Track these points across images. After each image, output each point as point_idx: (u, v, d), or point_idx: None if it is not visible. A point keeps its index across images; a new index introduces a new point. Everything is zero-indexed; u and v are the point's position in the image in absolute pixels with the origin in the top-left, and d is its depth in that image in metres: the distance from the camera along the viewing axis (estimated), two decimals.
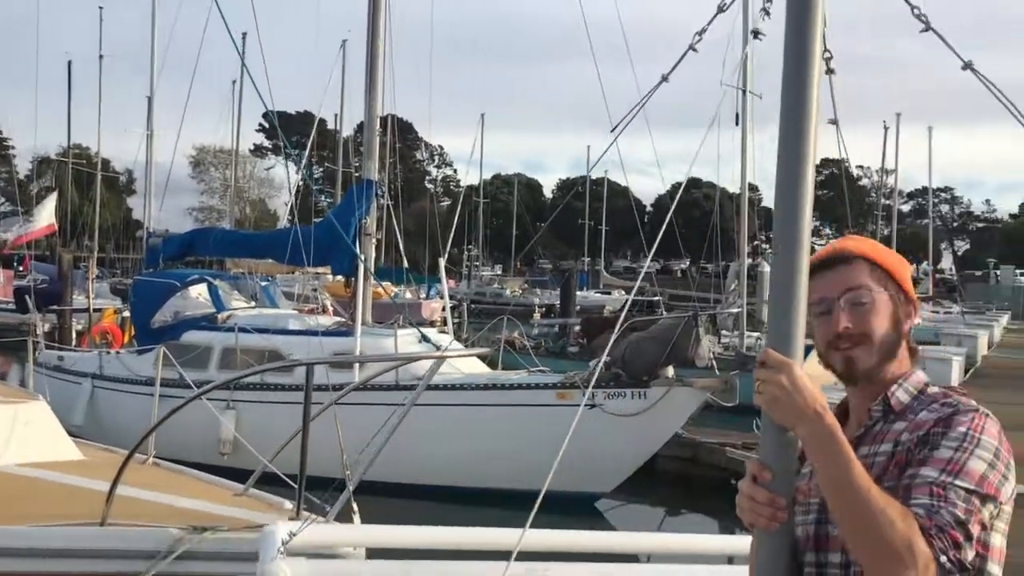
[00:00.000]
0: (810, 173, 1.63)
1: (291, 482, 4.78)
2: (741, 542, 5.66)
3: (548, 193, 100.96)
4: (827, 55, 1.66)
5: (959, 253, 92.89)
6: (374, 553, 4.41)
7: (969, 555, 1.52)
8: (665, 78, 2.21)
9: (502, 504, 10.78)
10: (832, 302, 1.71)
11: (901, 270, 1.79)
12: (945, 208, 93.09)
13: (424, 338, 10.06)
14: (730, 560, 4.87)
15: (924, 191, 63.86)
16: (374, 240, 12.86)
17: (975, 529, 1.52)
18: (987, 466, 1.55)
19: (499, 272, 75.66)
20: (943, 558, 1.47)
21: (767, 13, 2.66)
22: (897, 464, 1.62)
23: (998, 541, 1.60)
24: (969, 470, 1.54)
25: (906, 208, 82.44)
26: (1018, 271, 70.91)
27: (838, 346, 1.71)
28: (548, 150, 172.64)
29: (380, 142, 15.47)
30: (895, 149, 54.48)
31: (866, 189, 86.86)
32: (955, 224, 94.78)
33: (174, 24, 23.10)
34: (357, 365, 11.41)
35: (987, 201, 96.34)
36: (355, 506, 4.78)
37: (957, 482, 1.52)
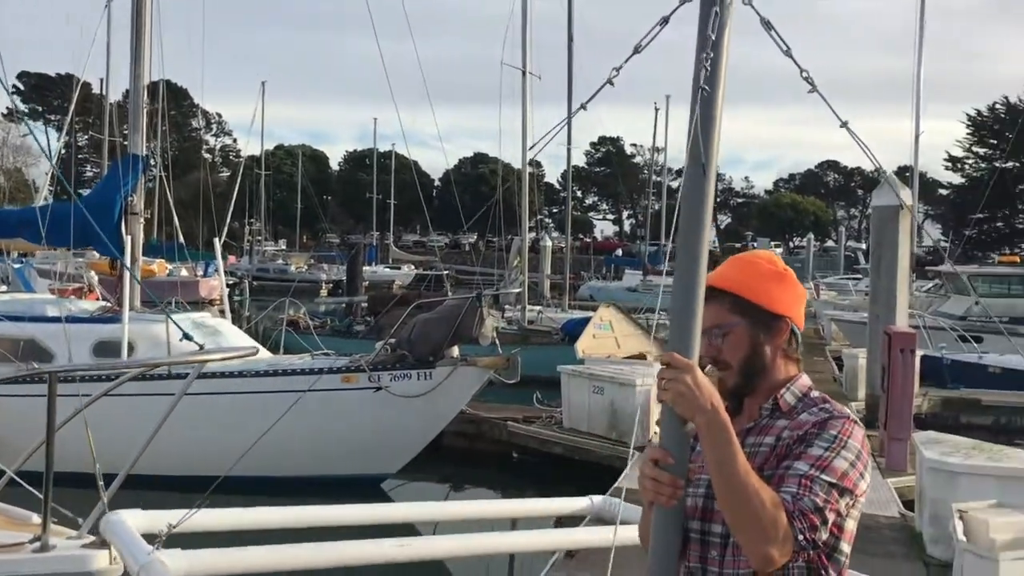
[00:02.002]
0: (711, 191, 1.85)
1: (37, 492, 4.39)
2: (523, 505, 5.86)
3: (335, 165, 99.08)
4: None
5: (722, 227, 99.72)
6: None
7: (823, 536, 1.84)
8: (610, 81, 2.24)
9: (290, 492, 10.56)
10: (704, 332, 1.96)
11: (765, 294, 2.06)
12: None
13: (187, 336, 9.55)
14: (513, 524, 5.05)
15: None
16: (142, 219, 12.10)
17: (831, 515, 1.83)
18: (849, 465, 1.88)
19: (283, 247, 73.50)
20: (800, 536, 1.79)
21: None
22: (777, 456, 1.93)
23: (851, 526, 1.93)
24: (834, 467, 1.86)
25: (675, 184, 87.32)
26: (773, 243, 77.18)
27: (715, 364, 2.02)
28: (334, 121, 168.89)
29: (151, 109, 14.54)
30: (665, 129, 57.51)
31: (640, 166, 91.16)
32: (718, 199, 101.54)
33: None
34: (126, 349, 10.76)
35: (746, 178, 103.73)
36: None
37: (823, 476, 1.84)
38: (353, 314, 23.70)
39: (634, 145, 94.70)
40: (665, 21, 1.98)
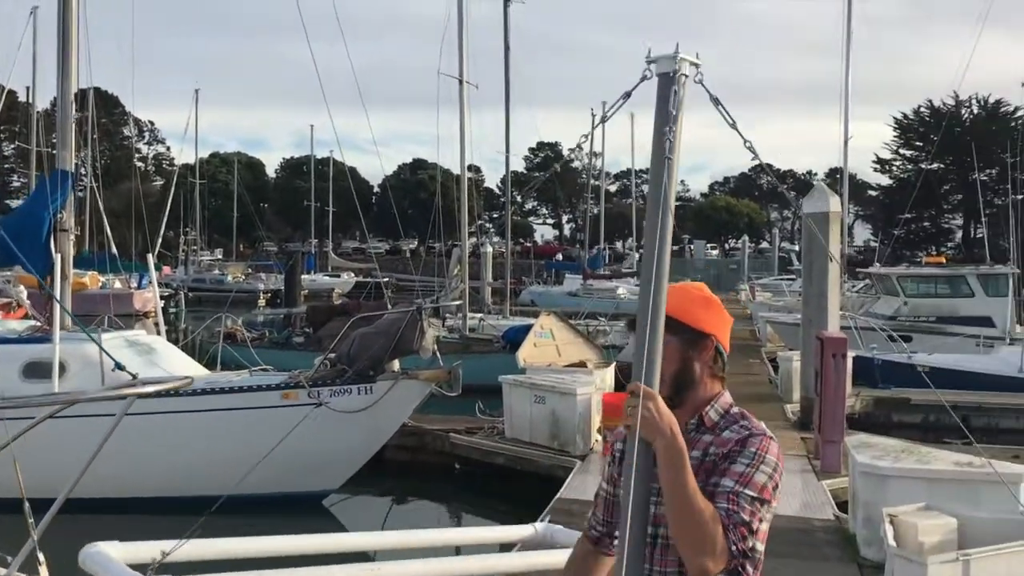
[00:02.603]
0: (668, 230, 2.08)
1: None
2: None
3: (271, 172, 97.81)
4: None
5: None
6: None
7: (750, 544, 2.10)
8: (579, 146, 2.49)
9: (231, 511, 10.40)
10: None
11: (692, 315, 2.30)
12: (648, 188, 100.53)
13: (119, 366, 9.40)
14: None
15: (628, 172, 68.68)
16: (72, 236, 11.82)
17: (756, 525, 2.10)
18: (767, 478, 2.15)
19: (220, 256, 72.34)
20: (733, 547, 2.06)
21: None
22: (704, 469, 2.17)
23: (765, 527, 2.16)
24: (755, 482, 2.13)
25: (613, 188, 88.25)
26: (708, 245, 78.34)
27: None
28: (270, 127, 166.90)
29: (80, 118, 14.18)
30: (602, 134, 57.97)
31: (578, 171, 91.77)
32: None
33: None
34: (57, 372, 10.51)
35: (682, 181, 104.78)
36: (41, 557, 4.22)
37: (746, 491, 2.11)
38: (292, 326, 23.41)
39: (571, 150, 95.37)
40: (627, 95, 2.20)
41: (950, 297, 23.65)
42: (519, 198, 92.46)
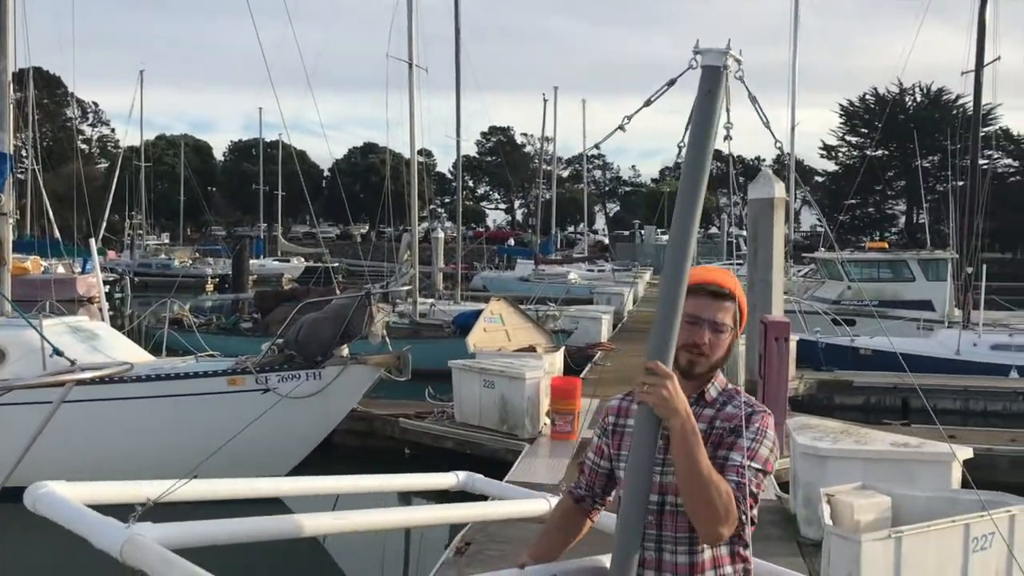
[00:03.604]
0: (697, 216, 2.13)
1: None
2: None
3: (219, 155, 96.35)
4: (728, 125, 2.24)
5: (610, 215, 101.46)
6: None
7: (755, 512, 2.33)
8: (621, 127, 2.61)
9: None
10: (703, 321, 2.38)
11: (745, 313, 2.49)
12: (598, 174, 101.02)
13: (57, 352, 9.28)
14: None
15: (580, 157, 68.90)
16: (12, 220, 11.56)
17: (759, 494, 2.33)
18: (768, 452, 2.36)
19: (166, 241, 71.14)
20: (743, 516, 2.26)
21: None
22: (711, 442, 2.33)
23: (762, 494, 2.40)
24: (759, 455, 2.33)
25: (565, 173, 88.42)
26: (659, 230, 78.98)
27: (690, 351, 2.37)
28: (217, 110, 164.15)
29: (20, 98, 13.84)
30: (554, 119, 58.08)
31: (530, 156, 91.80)
32: (607, 188, 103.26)
33: None
34: (4, 358, 10.31)
35: (633, 167, 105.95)
36: None
37: (753, 464, 2.30)
38: (239, 311, 23.16)
39: (524, 135, 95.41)
40: (671, 83, 2.26)
41: (892, 281, 24.21)
42: (471, 182, 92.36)
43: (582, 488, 2.64)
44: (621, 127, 2.48)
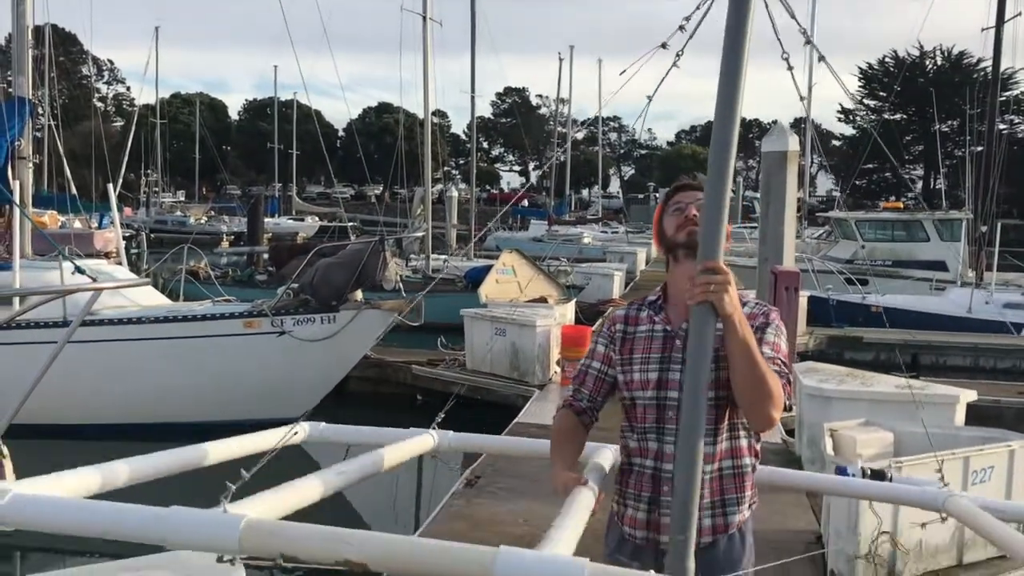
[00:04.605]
0: (735, 129, 2.15)
1: None
2: None
3: (234, 115, 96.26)
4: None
5: (625, 178, 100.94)
6: None
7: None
8: (677, 57, 2.73)
9: (192, 439, 10.53)
10: (687, 205, 2.59)
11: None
12: (614, 136, 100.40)
13: (79, 270, 9.50)
14: None
15: (594, 120, 68.50)
16: (31, 164, 11.71)
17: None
18: (785, 344, 2.59)
19: (182, 198, 71.37)
20: (787, 401, 2.56)
21: None
22: None
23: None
24: (784, 349, 2.57)
25: (580, 136, 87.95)
26: None
27: (687, 227, 2.55)
28: (232, 68, 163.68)
29: (37, 55, 13.93)
30: (570, 80, 57.66)
31: (545, 118, 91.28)
32: (622, 151, 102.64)
33: None
34: (17, 300, 10.50)
35: (649, 130, 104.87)
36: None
37: (780, 356, 2.53)
38: (255, 264, 23.33)
39: (539, 96, 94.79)
40: (687, 19, 2.49)
41: (906, 241, 24.14)
42: (485, 144, 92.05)
43: (584, 400, 2.70)
44: (682, 27, 2.72)
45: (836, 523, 5.70)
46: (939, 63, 71.79)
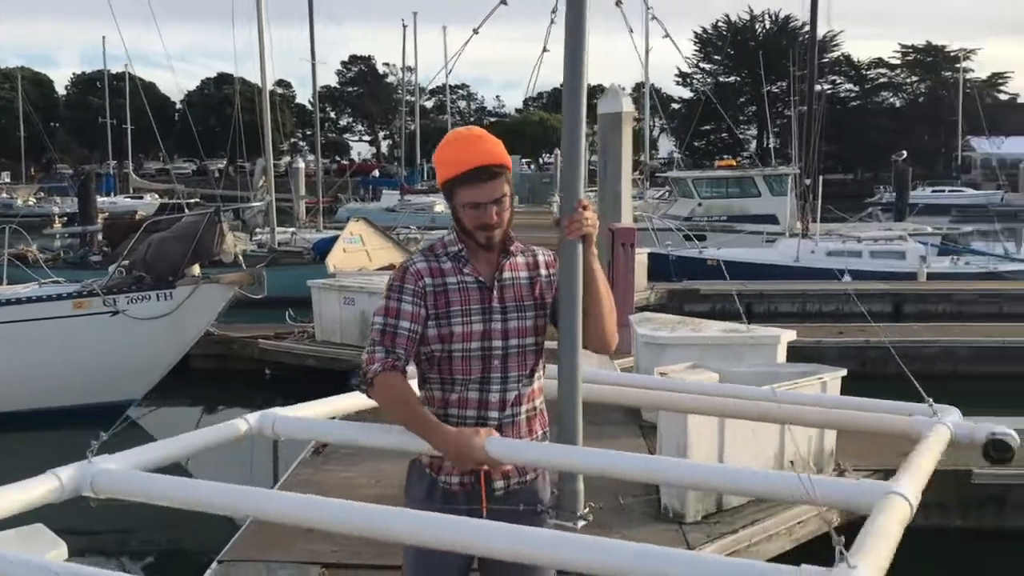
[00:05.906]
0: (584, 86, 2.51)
1: None
2: None
3: (61, 90, 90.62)
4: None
5: None
6: None
7: None
8: (476, 31, 2.99)
9: (23, 427, 10.03)
10: (485, 205, 2.55)
11: (509, 160, 2.63)
12: (463, 104, 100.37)
13: None
14: None
15: (443, 88, 68.28)
16: None
17: None
18: None
19: (7, 180, 66.85)
20: None
21: None
22: (549, 283, 2.68)
23: None
24: None
25: (429, 104, 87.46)
26: (524, 160, 79.48)
27: (485, 230, 2.58)
28: (57, 41, 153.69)
29: None
30: (415, 47, 57.19)
31: (393, 86, 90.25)
32: (472, 119, 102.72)
33: None
34: None
35: (497, 97, 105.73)
36: None
37: None
38: (88, 244, 22.21)
39: (386, 64, 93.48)
40: None
41: (740, 197, 25.36)
42: (332, 114, 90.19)
43: (402, 359, 2.58)
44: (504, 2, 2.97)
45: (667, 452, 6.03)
46: (768, 27, 75.17)
